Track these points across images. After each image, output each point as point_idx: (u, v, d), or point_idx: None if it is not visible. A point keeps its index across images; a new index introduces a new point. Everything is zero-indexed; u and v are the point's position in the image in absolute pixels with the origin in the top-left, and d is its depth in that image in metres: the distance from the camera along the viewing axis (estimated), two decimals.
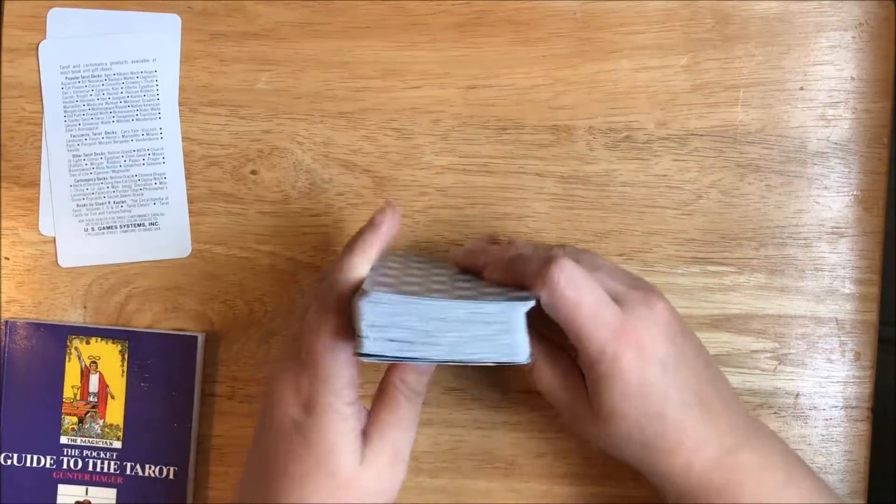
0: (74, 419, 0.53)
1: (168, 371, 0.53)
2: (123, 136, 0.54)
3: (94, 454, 0.53)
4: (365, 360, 0.38)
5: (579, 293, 0.40)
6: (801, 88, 0.53)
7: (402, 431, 0.44)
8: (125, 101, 0.54)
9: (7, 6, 0.54)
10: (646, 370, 0.41)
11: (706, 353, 0.45)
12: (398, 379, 0.44)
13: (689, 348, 0.43)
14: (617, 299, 0.42)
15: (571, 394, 0.44)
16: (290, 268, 0.53)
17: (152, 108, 0.54)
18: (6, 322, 0.53)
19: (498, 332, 0.38)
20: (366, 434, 0.43)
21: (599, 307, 0.41)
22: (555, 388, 0.45)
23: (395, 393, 0.44)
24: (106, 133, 0.54)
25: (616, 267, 0.47)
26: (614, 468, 0.53)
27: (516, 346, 0.38)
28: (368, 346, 0.37)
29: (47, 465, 0.53)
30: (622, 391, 0.41)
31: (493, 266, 0.45)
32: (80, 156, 0.54)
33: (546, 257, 0.42)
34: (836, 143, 0.53)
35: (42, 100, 0.54)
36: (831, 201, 0.53)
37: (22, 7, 0.54)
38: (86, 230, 0.54)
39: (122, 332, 0.53)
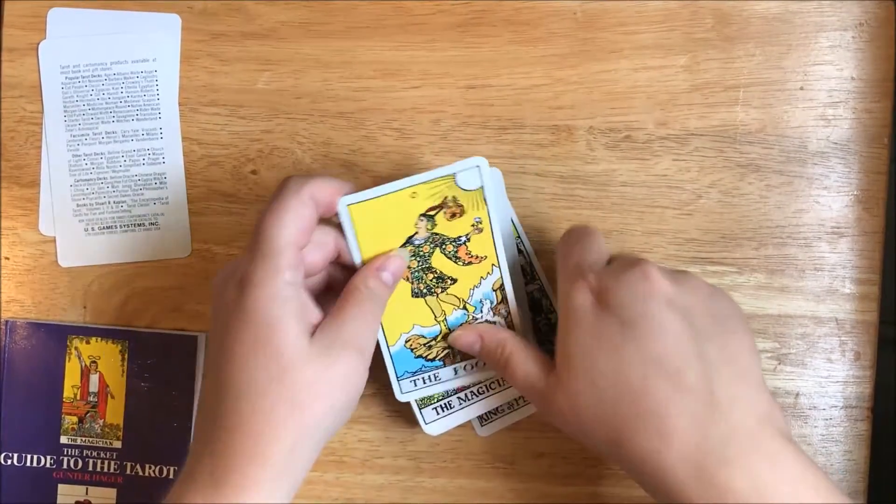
0: (74, 419, 0.53)
1: (168, 371, 0.53)
2: (123, 136, 0.54)
3: (95, 454, 0.53)
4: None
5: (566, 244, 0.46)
6: (802, 88, 0.53)
7: (361, 325, 0.42)
8: (125, 101, 0.54)
9: (7, 6, 0.54)
10: (602, 319, 0.41)
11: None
12: (362, 283, 0.44)
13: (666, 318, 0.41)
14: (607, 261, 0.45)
15: (544, 366, 0.44)
16: None
17: (152, 108, 0.54)
18: (6, 322, 0.53)
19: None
20: (319, 327, 0.42)
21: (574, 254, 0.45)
22: (533, 378, 0.44)
23: (357, 292, 0.43)
24: (106, 133, 0.54)
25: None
26: (615, 468, 0.53)
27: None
28: None
29: (47, 465, 0.53)
30: (576, 337, 0.42)
31: None
32: (80, 156, 0.54)
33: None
34: (836, 143, 0.53)
35: (42, 99, 0.54)
36: (831, 201, 0.53)
37: (22, 7, 0.54)
38: (86, 230, 0.54)
39: (123, 331, 0.53)
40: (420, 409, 0.50)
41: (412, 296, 0.47)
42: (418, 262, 0.47)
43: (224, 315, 0.41)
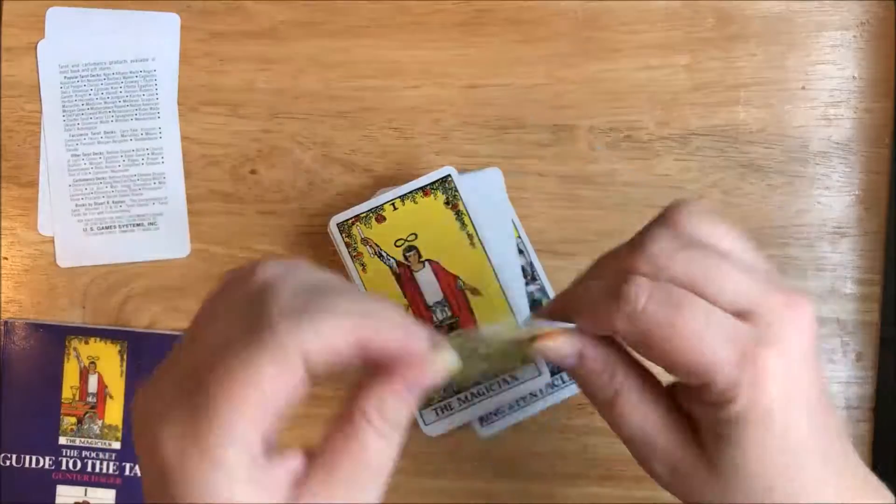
0: (73, 420, 0.53)
1: None
2: (122, 136, 0.54)
3: (93, 455, 0.53)
4: None
5: (678, 314, 0.29)
6: (803, 88, 0.53)
7: (358, 489, 0.29)
8: (124, 101, 0.54)
9: (6, 5, 0.54)
10: (791, 413, 0.30)
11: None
12: (371, 406, 0.29)
13: (823, 375, 0.33)
14: (746, 308, 0.30)
15: (674, 437, 0.32)
16: None
17: (151, 108, 0.54)
18: (5, 322, 0.53)
19: None
20: (300, 487, 0.28)
21: (715, 328, 0.29)
22: (649, 429, 0.32)
23: (361, 426, 0.29)
24: (105, 132, 0.54)
25: (745, 249, 0.33)
26: (615, 468, 0.52)
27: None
28: None
29: (46, 466, 0.53)
30: (759, 442, 0.30)
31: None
32: (78, 155, 0.53)
33: (611, 283, 0.31)
34: (837, 143, 0.53)
35: (41, 99, 0.54)
36: (833, 201, 0.53)
37: (21, 6, 0.53)
38: (84, 230, 0.54)
39: (121, 332, 0.53)
40: (420, 410, 0.50)
41: None
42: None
43: (152, 495, 0.28)
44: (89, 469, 0.53)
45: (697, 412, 0.32)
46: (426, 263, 0.47)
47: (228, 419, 0.26)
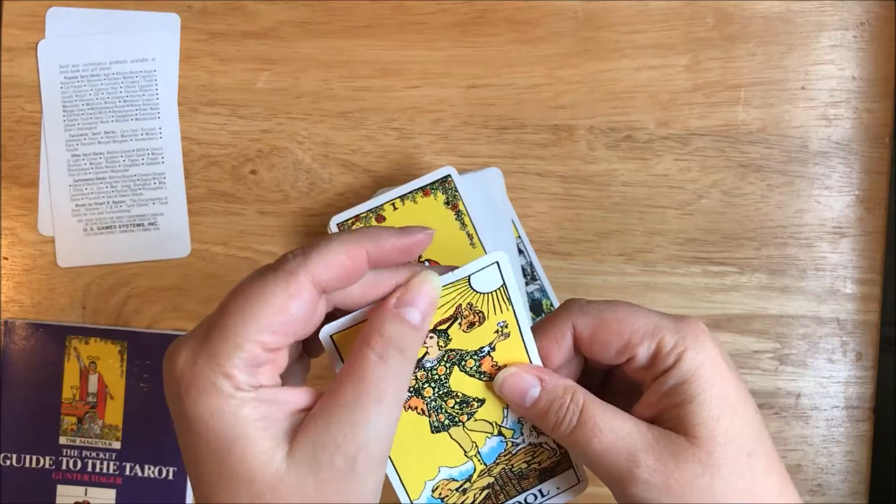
0: (73, 419, 0.53)
1: None
2: (122, 136, 0.54)
3: (94, 455, 0.53)
4: None
5: (620, 303, 0.35)
6: (803, 88, 0.53)
7: (358, 412, 0.30)
8: (124, 101, 0.54)
9: (6, 5, 0.54)
10: (727, 361, 0.34)
11: None
12: (372, 331, 0.31)
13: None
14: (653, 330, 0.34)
15: (650, 429, 0.33)
16: None
17: (151, 108, 0.54)
18: (5, 322, 0.53)
19: None
20: (305, 425, 0.30)
21: (644, 316, 0.34)
22: (628, 429, 0.33)
23: (363, 352, 0.31)
24: (105, 133, 0.54)
25: None
26: None
27: None
28: None
29: (46, 466, 0.53)
30: (720, 393, 0.32)
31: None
32: (79, 155, 0.54)
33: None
34: (837, 143, 0.53)
35: (41, 99, 0.54)
36: (833, 201, 0.53)
37: (21, 6, 0.53)
38: (85, 230, 0.54)
39: (122, 332, 0.53)
40: None
41: (432, 431, 0.36)
42: (434, 388, 0.36)
43: (176, 421, 0.31)
44: (89, 469, 0.53)
45: (650, 401, 0.34)
46: (426, 263, 0.47)
47: (235, 329, 0.29)
